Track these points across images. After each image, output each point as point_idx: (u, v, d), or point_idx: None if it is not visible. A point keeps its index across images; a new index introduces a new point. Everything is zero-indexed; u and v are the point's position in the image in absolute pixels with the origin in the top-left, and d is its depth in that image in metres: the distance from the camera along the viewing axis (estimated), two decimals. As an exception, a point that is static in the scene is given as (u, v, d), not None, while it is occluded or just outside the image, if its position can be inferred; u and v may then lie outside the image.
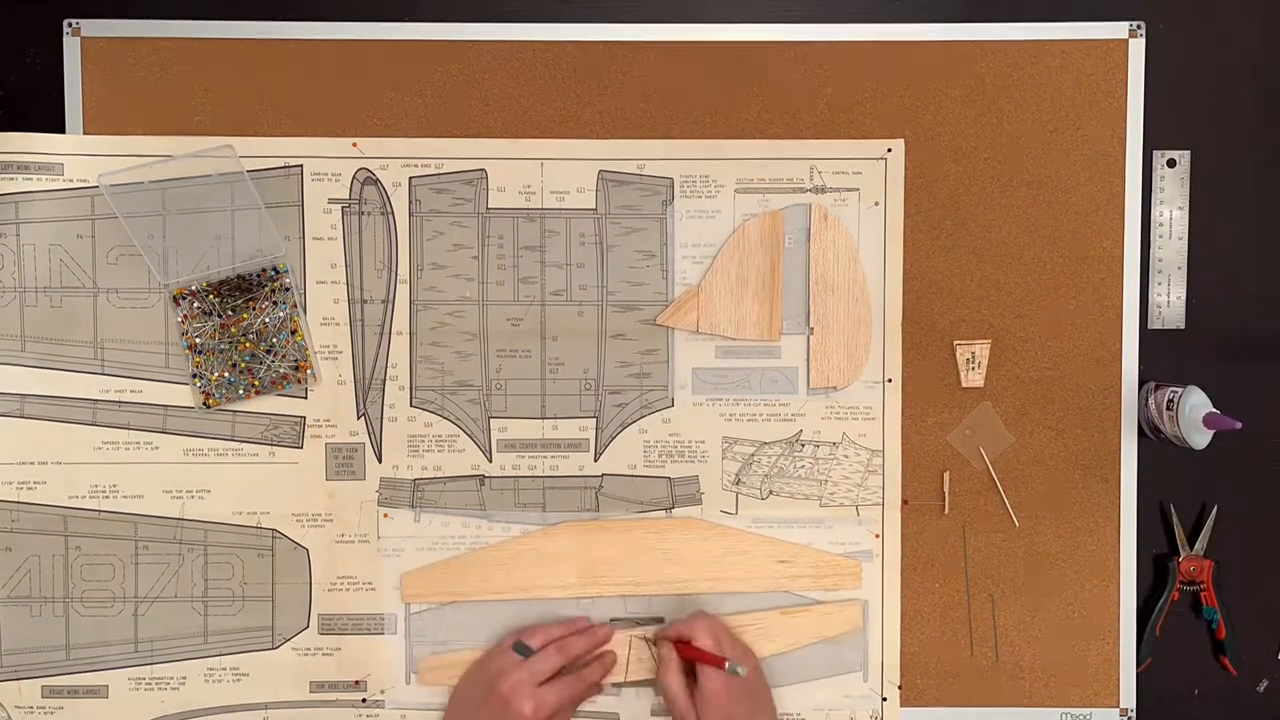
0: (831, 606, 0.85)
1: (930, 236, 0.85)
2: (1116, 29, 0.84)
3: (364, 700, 0.85)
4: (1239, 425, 0.77)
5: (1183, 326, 0.86)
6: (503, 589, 0.85)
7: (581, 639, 0.82)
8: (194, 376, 0.83)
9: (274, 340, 0.83)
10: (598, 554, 0.85)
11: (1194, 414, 0.79)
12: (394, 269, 0.84)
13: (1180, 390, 0.80)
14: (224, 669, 0.85)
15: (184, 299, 0.83)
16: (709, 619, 0.81)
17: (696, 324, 0.84)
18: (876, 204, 0.85)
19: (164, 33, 0.83)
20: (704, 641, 0.78)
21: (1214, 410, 0.79)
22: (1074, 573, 0.86)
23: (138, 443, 0.84)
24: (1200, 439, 0.79)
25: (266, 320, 0.83)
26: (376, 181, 0.84)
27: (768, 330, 0.84)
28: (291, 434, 0.85)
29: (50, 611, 0.84)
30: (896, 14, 0.85)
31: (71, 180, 0.83)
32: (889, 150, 0.85)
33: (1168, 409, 0.81)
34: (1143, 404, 0.84)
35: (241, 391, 0.83)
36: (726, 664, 0.76)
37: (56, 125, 0.83)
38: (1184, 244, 0.86)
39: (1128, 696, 0.86)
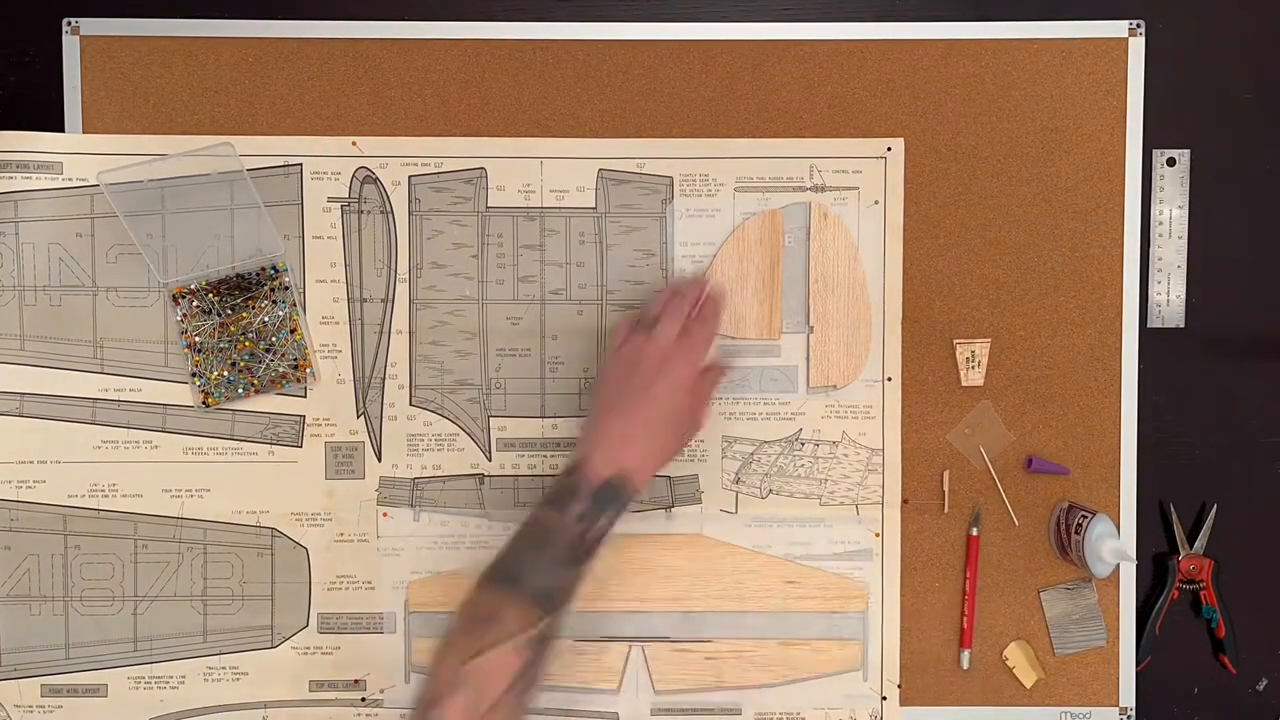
0: (831, 644, 0.85)
1: (930, 235, 0.85)
2: (1116, 28, 0.84)
3: (363, 699, 0.85)
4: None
5: (1182, 325, 0.86)
6: None
7: (684, 297, 0.77)
8: (193, 375, 0.83)
9: (273, 339, 0.83)
10: (605, 568, 0.85)
11: (1099, 543, 0.80)
12: (393, 268, 0.84)
13: (1090, 516, 0.81)
14: (223, 668, 0.85)
15: (183, 298, 0.83)
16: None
17: None
18: (876, 203, 0.85)
19: (163, 31, 0.83)
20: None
21: (1117, 541, 0.80)
22: (1074, 572, 0.86)
23: (137, 441, 0.84)
24: (1103, 568, 0.80)
25: (266, 319, 0.83)
26: (376, 180, 0.84)
27: (768, 329, 0.84)
28: (291, 433, 0.84)
29: (49, 610, 0.84)
30: (896, 14, 0.85)
31: (71, 179, 0.83)
32: (889, 149, 0.85)
33: (1075, 533, 0.81)
34: (1052, 524, 0.85)
35: (241, 390, 0.83)
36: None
37: (56, 124, 0.83)
38: (1184, 243, 0.86)
39: (1127, 695, 0.86)
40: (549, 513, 0.71)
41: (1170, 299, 0.86)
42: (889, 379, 0.85)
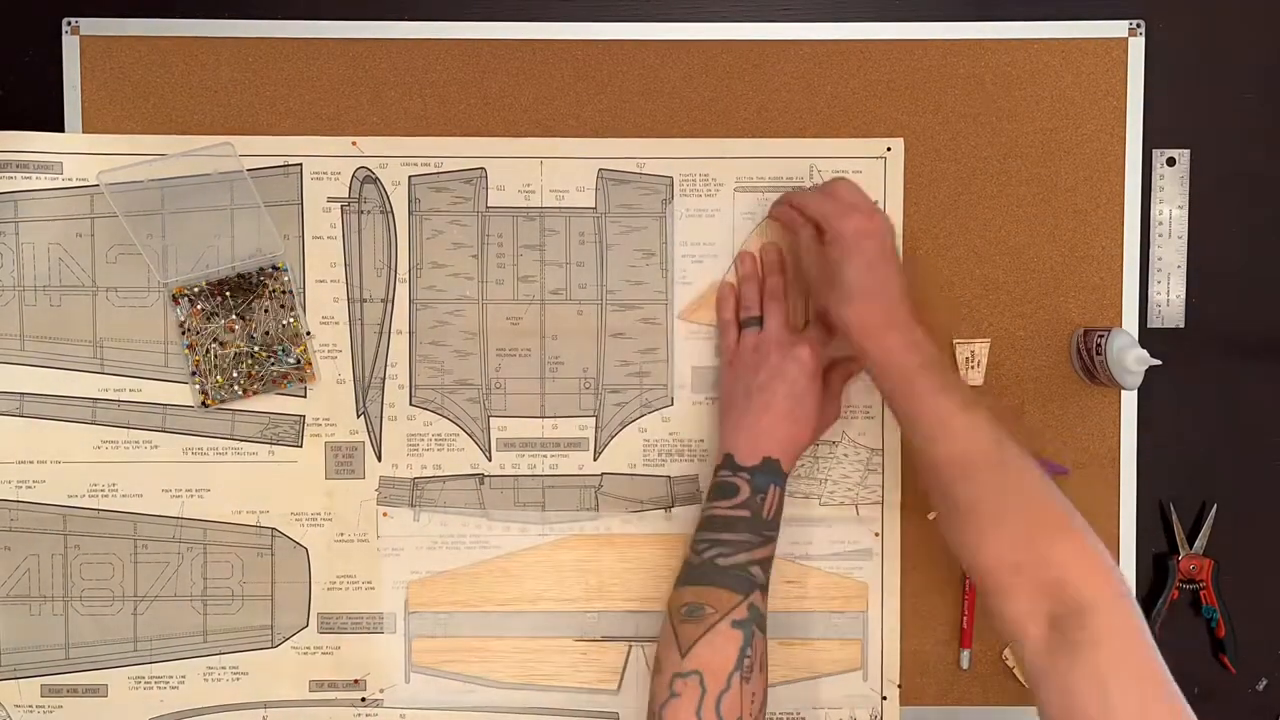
0: (831, 644, 0.85)
1: (929, 236, 0.85)
2: (1116, 28, 0.84)
3: (363, 699, 0.85)
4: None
5: (1182, 325, 0.86)
6: (509, 600, 0.85)
7: (776, 275, 0.83)
8: (193, 375, 0.83)
9: (273, 339, 0.83)
10: (605, 568, 0.85)
11: (1122, 355, 0.78)
12: (393, 268, 0.84)
13: (1106, 333, 0.80)
14: (223, 668, 0.85)
15: (183, 298, 0.83)
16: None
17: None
18: (876, 203, 0.85)
19: (163, 31, 0.83)
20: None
21: (1139, 349, 0.78)
22: (1074, 572, 0.86)
23: (137, 441, 0.84)
24: (1132, 379, 0.78)
25: (266, 319, 0.83)
26: (376, 180, 0.84)
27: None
28: (291, 433, 0.84)
29: (49, 610, 0.84)
30: (896, 14, 0.85)
31: (71, 179, 0.83)
32: (888, 149, 0.85)
33: (1097, 353, 0.81)
34: (1074, 352, 0.84)
35: (240, 390, 0.83)
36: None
37: (55, 124, 0.83)
38: (1183, 243, 0.86)
39: (1127, 696, 0.86)
40: (718, 506, 0.75)
41: (1170, 299, 0.86)
42: (889, 379, 0.85)
